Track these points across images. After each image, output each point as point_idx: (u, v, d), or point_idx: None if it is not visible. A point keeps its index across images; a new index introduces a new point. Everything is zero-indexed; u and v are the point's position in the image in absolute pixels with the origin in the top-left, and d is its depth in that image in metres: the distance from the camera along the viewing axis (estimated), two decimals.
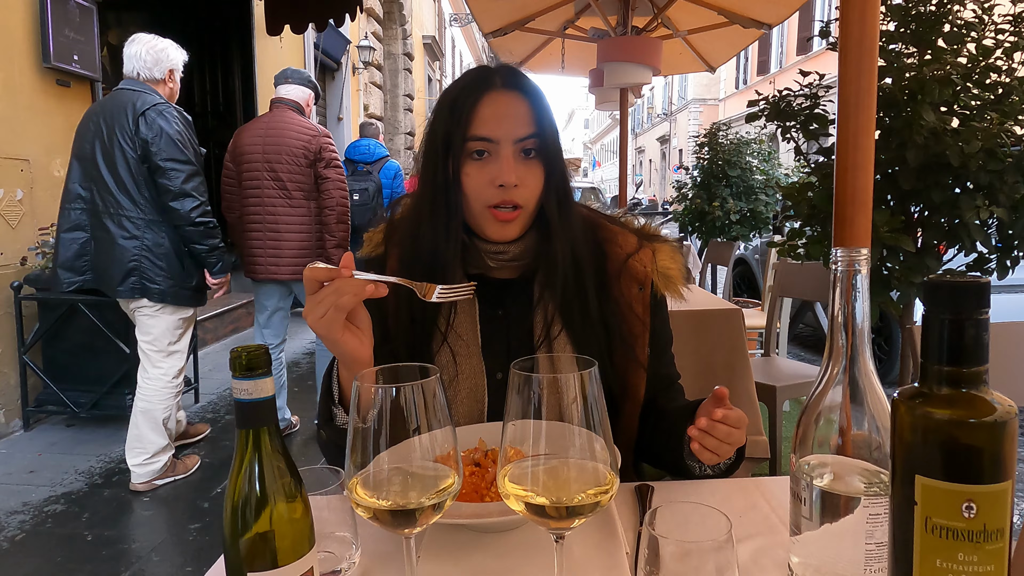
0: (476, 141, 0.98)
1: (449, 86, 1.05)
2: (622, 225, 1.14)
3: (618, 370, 1.05)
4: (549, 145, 1.01)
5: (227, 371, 4.81)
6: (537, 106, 1.01)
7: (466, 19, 19.27)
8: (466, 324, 1.06)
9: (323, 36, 8.09)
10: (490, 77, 1.02)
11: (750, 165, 5.82)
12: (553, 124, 1.03)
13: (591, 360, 0.60)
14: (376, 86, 10.78)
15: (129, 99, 2.77)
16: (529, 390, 0.58)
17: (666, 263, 1.09)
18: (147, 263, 2.72)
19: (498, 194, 0.98)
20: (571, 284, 1.02)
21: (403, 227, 1.09)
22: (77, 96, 4.07)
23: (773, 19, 4.80)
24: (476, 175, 0.99)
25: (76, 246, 2.74)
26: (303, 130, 3.30)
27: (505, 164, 0.97)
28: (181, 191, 2.69)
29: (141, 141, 2.66)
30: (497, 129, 0.98)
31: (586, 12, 5.29)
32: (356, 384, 0.60)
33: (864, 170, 1.29)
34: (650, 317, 1.07)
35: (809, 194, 1.77)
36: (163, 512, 2.72)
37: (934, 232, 1.67)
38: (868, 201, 1.30)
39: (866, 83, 1.27)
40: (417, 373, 0.61)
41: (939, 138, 1.53)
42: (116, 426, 3.63)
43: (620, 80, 4.48)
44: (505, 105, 1.00)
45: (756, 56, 23.00)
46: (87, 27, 4.01)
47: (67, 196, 2.75)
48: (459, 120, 0.98)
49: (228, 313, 5.98)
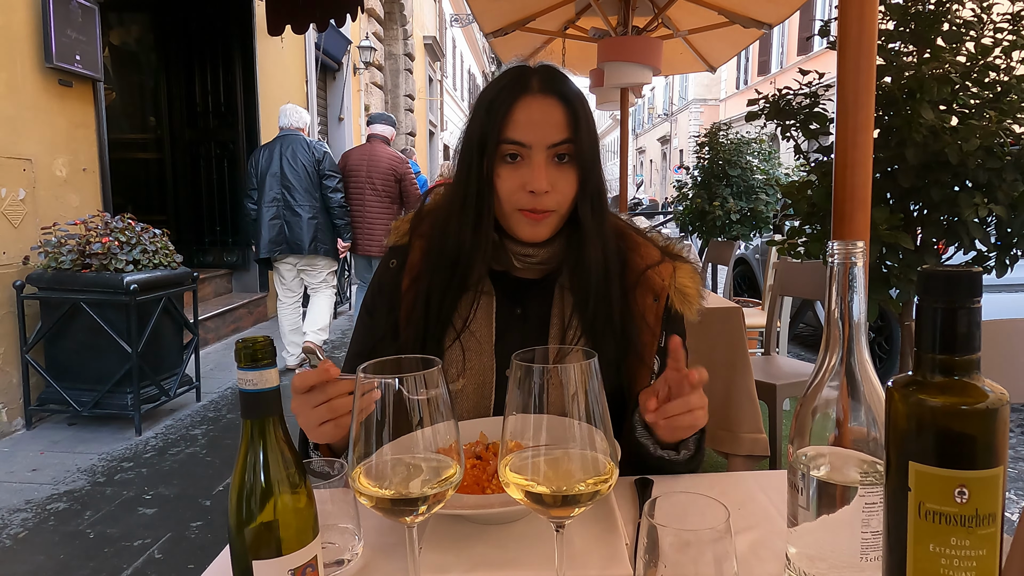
0: (510, 144, 0.99)
1: (488, 84, 1.05)
2: (648, 239, 1.14)
3: (627, 376, 1.06)
4: (585, 151, 1.00)
5: (228, 371, 4.85)
6: (574, 111, 1.00)
7: (467, 19, 19.29)
8: (481, 320, 1.07)
9: (324, 36, 8.11)
10: (527, 79, 1.01)
11: (750, 165, 5.82)
12: (591, 130, 1.02)
13: (591, 352, 0.61)
14: (377, 86, 10.80)
15: (297, 138, 4.57)
16: (530, 381, 0.59)
17: (684, 281, 1.09)
18: (320, 233, 4.55)
19: (529, 199, 0.99)
20: (597, 289, 1.03)
21: (431, 219, 1.10)
22: (79, 96, 4.09)
23: (773, 19, 4.81)
24: (508, 178, 1.00)
25: (275, 229, 4.49)
26: (391, 158, 5.06)
27: (537, 170, 0.97)
28: (335, 188, 4.60)
29: (315, 160, 4.53)
30: (530, 134, 0.98)
31: (587, 12, 5.29)
32: (359, 374, 0.61)
33: (862, 167, 1.30)
34: (661, 329, 1.07)
35: (809, 192, 1.78)
36: (165, 510, 2.73)
37: (933, 230, 1.68)
38: (866, 198, 1.31)
39: (864, 81, 1.28)
40: (419, 364, 0.61)
41: (938, 136, 1.54)
42: (118, 425, 3.65)
43: (620, 80, 4.49)
44: (540, 110, 0.99)
45: (757, 56, 23.00)
46: (89, 27, 4.03)
47: (265, 200, 4.50)
48: (494, 122, 0.99)
49: (229, 313, 5.99)
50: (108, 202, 4.33)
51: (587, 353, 0.61)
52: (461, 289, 1.05)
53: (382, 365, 0.62)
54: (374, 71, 10.51)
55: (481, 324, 1.06)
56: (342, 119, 9.36)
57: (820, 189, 1.73)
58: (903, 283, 1.73)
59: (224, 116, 6.57)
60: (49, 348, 3.63)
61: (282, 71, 7.17)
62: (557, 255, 1.06)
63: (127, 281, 3.45)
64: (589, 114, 1.02)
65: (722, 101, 28.03)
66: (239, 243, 6.66)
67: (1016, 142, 1.78)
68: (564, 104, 1.00)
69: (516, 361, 0.60)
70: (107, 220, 3.73)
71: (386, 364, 0.62)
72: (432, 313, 1.04)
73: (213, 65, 6.54)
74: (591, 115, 1.03)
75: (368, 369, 0.61)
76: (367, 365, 0.62)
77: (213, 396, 4.28)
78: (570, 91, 1.01)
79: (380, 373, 0.59)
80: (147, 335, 3.59)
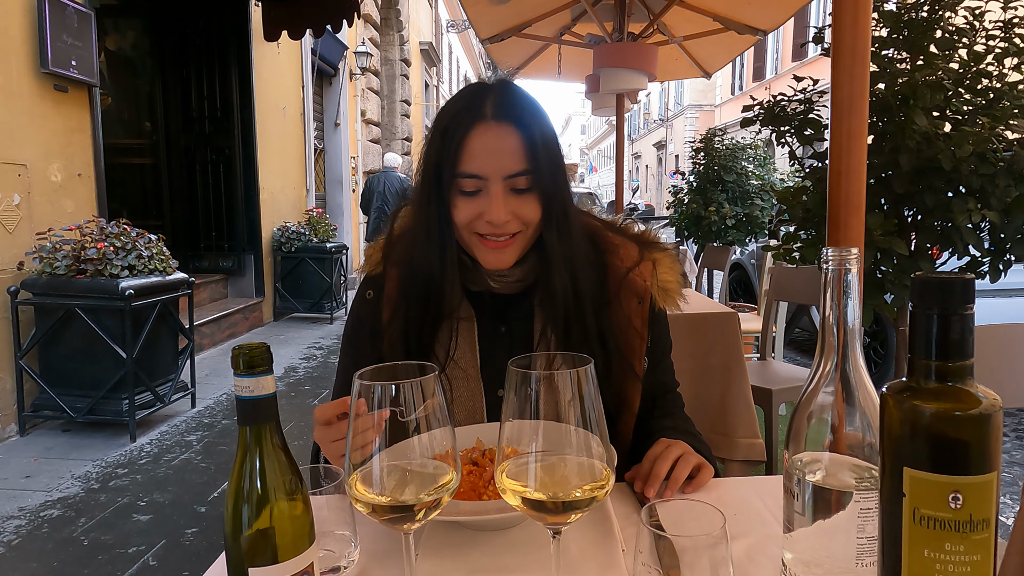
0: (466, 178, 0.95)
1: (445, 106, 1.01)
2: (622, 232, 1.13)
3: (615, 383, 1.05)
4: (544, 178, 0.96)
5: (224, 376, 4.84)
6: (530, 137, 0.95)
7: (463, 25, 19.33)
8: (464, 348, 1.05)
9: (320, 42, 8.12)
10: (481, 105, 0.96)
11: (746, 170, 5.84)
12: (552, 154, 0.97)
13: (586, 358, 0.61)
14: (373, 92, 10.81)
15: (395, 175, 7.43)
16: (527, 387, 0.59)
17: (665, 275, 1.08)
18: None
19: (488, 227, 0.96)
20: (569, 311, 1.01)
21: (400, 248, 1.07)
22: (75, 101, 4.08)
23: (768, 25, 4.83)
24: (466, 208, 0.97)
25: (375, 230, 5.39)
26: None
27: (495, 202, 0.94)
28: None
29: (401, 187, 6.83)
30: (486, 165, 0.94)
31: (582, 18, 5.32)
32: (356, 381, 0.61)
33: (857, 173, 1.31)
34: (648, 331, 1.07)
35: (804, 198, 1.79)
36: (160, 516, 2.72)
37: (927, 235, 1.69)
38: (861, 204, 1.31)
39: (858, 88, 1.29)
40: (416, 371, 0.61)
41: (931, 142, 1.55)
42: (112, 431, 3.63)
43: (616, 86, 4.51)
44: (495, 139, 0.95)
45: (752, 62, 23.11)
46: (85, 33, 4.03)
47: (375, 214, 7.27)
48: (449, 152, 0.95)
49: (225, 318, 5.98)
50: (103, 207, 4.32)
51: (582, 359, 0.61)
52: (438, 320, 1.04)
53: (379, 372, 0.62)
54: (370, 76, 10.52)
55: (464, 351, 1.05)
56: (338, 124, 9.36)
57: (815, 195, 1.74)
58: (897, 288, 1.73)
59: (220, 122, 6.56)
60: (43, 354, 3.62)
61: (278, 77, 7.17)
62: (533, 270, 1.04)
63: (122, 287, 3.44)
64: (548, 138, 0.98)
65: (717, 107, 28.14)
66: (235, 248, 6.65)
67: (1008, 148, 1.80)
68: (520, 131, 0.95)
69: (512, 368, 0.60)
70: (102, 225, 3.72)
71: (383, 371, 0.62)
72: (412, 349, 1.03)
73: (209, 70, 6.54)
74: (551, 137, 0.99)
75: (365, 376, 0.61)
76: (364, 372, 0.62)
77: (208, 402, 4.27)
78: (526, 116, 0.96)
79: (377, 379, 0.60)
80: (142, 341, 3.58)
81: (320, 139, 9.13)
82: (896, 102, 1.63)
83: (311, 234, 7.08)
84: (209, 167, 6.63)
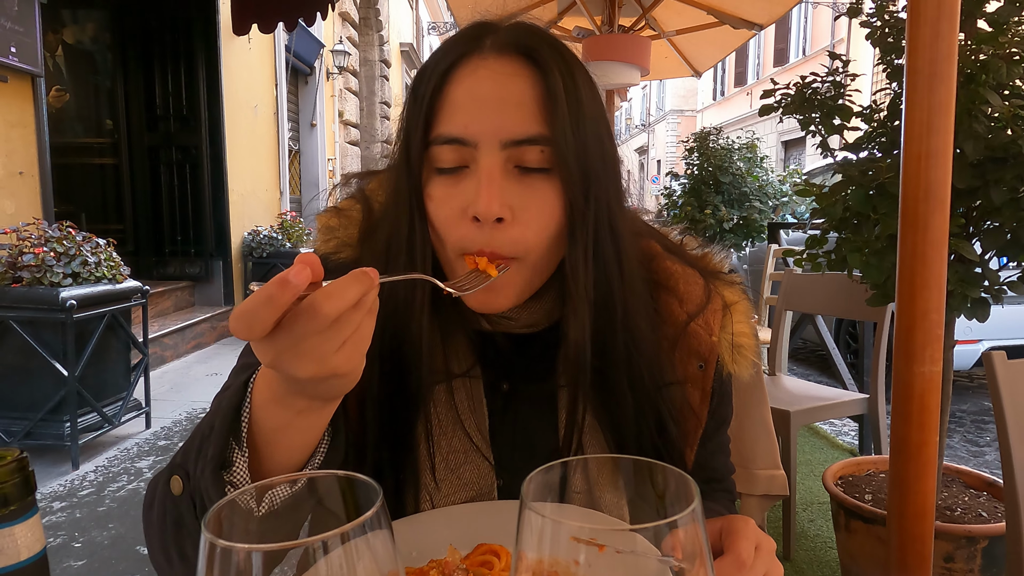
0: (442, 145, 0.60)
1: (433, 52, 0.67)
2: (683, 256, 0.77)
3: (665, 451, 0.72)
4: (572, 152, 0.59)
5: (186, 391, 4.48)
6: (550, 83, 0.60)
7: (444, 27, 19.09)
8: (466, 415, 0.70)
9: (295, 39, 7.79)
10: (481, 35, 0.63)
11: (742, 171, 5.61)
12: (590, 114, 0.62)
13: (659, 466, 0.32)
14: (352, 92, 10.48)
15: None
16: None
17: (741, 326, 0.74)
18: None
19: (475, 234, 0.60)
20: (607, 391, 0.68)
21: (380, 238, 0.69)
22: (15, 92, 3.72)
23: (764, 19, 4.63)
24: (443, 200, 0.61)
25: None
26: None
27: (485, 183, 0.59)
28: None
29: None
30: (473, 121, 0.59)
31: (570, 12, 5.07)
32: (204, 533, 0.30)
33: (942, 158, 1.03)
34: (709, 409, 0.73)
35: (845, 193, 1.53)
36: (96, 561, 2.38)
37: (992, 239, 1.43)
38: (946, 197, 1.04)
39: (944, 49, 1.02)
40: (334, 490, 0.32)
41: (1006, 127, 1.29)
42: (53, 457, 3.26)
43: (607, 80, 4.26)
44: (492, 80, 0.60)
45: (733, 68, 23.16)
46: (28, 17, 3.67)
47: None
48: (420, 108, 0.62)
49: (190, 328, 5.61)
50: (49, 209, 3.96)
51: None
52: (419, 394, 0.67)
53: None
54: (348, 76, 10.19)
55: (467, 418, 0.69)
56: (314, 125, 9.02)
57: (858, 191, 1.47)
58: (956, 299, 1.47)
59: (186, 120, 6.20)
60: None
61: (249, 73, 6.83)
62: (553, 310, 0.69)
63: (63, 296, 3.08)
64: (586, 87, 0.62)
65: (699, 112, 28.17)
66: (202, 254, 6.28)
67: None
68: (535, 69, 0.60)
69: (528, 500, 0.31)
70: (44, 229, 3.36)
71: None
72: (385, 426, 0.67)
73: (175, 66, 6.18)
74: (588, 88, 0.63)
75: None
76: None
77: (165, 422, 3.90)
78: (546, 49, 0.61)
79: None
80: (87, 356, 3.22)
81: (295, 140, 8.78)
82: (960, 79, 1.37)
83: (284, 239, 6.73)
84: (174, 168, 6.25)
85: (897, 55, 1.70)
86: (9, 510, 0.26)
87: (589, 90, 0.63)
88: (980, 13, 1.56)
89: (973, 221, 1.50)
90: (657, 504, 0.33)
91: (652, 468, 0.34)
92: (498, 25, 0.64)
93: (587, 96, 0.62)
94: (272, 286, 0.41)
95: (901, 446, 1.13)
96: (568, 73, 0.61)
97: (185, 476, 0.53)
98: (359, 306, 0.44)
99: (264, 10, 4.73)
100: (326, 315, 0.42)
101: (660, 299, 0.72)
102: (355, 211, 0.74)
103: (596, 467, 0.37)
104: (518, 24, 0.65)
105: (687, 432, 0.72)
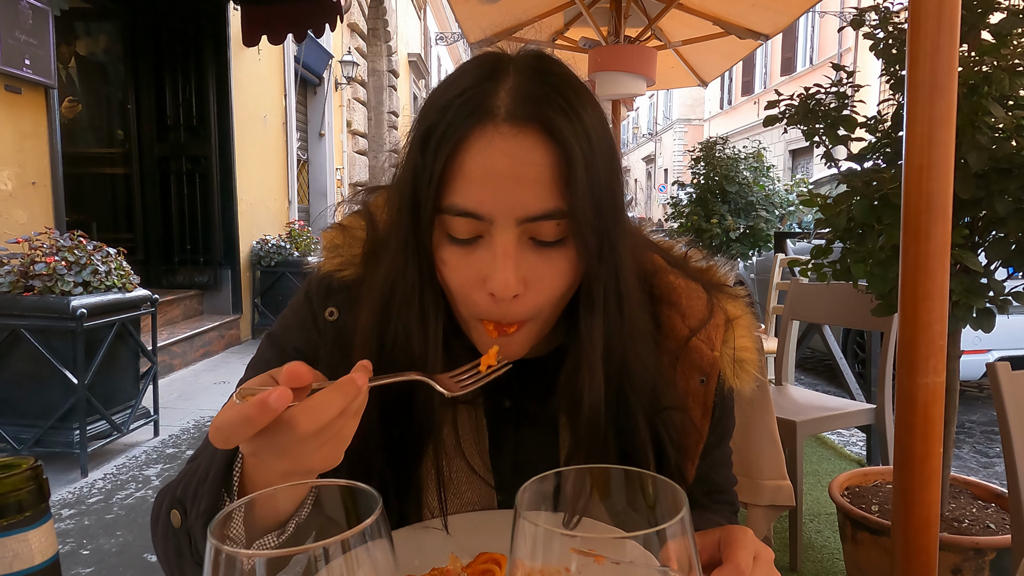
0: (456, 216, 0.59)
1: (437, 88, 0.63)
2: (686, 269, 0.78)
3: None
4: (589, 222, 0.58)
5: (194, 399, 4.50)
6: (570, 150, 0.57)
7: (452, 38, 19.20)
8: (468, 440, 0.72)
9: (304, 50, 7.87)
10: (491, 93, 0.59)
11: (748, 180, 5.60)
12: (606, 180, 0.60)
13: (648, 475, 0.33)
14: (360, 102, 10.56)
15: None
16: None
17: (744, 340, 0.74)
18: None
19: (491, 307, 0.61)
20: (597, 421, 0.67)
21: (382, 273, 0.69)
22: (29, 104, 3.77)
23: (770, 30, 4.64)
24: (458, 268, 0.61)
25: None
26: None
27: (501, 261, 0.58)
28: None
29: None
30: (488, 199, 0.57)
31: (576, 22, 5.10)
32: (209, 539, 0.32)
33: (943, 169, 1.04)
34: (711, 424, 0.74)
35: (849, 204, 1.53)
36: (104, 568, 2.39)
37: (997, 249, 1.43)
38: (947, 207, 1.05)
39: (944, 61, 1.03)
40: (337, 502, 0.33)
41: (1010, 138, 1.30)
42: (62, 465, 3.29)
43: (613, 91, 4.27)
44: (508, 156, 0.57)
45: (740, 77, 23.17)
46: (42, 30, 3.73)
47: None
48: (430, 174, 0.59)
49: (199, 336, 5.64)
50: (61, 219, 4.00)
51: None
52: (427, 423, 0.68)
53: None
54: (357, 87, 10.27)
55: (468, 443, 0.71)
56: (323, 135, 9.09)
57: (862, 202, 1.48)
58: (961, 310, 1.47)
59: (196, 130, 6.26)
60: None
61: (258, 84, 6.90)
62: (554, 338, 0.70)
63: (73, 305, 3.11)
64: (602, 148, 0.60)
65: (706, 121, 28.19)
66: (211, 262, 6.32)
67: None
68: (552, 141, 0.57)
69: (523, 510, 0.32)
70: (55, 238, 3.40)
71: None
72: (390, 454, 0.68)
73: (185, 77, 6.25)
74: (606, 148, 0.60)
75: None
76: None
77: (173, 430, 3.93)
78: (565, 111, 0.58)
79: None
80: (97, 364, 3.25)
81: (304, 149, 8.85)
82: (962, 91, 1.38)
83: (292, 247, 6.77)
84: (184, 177, 6.31)
85: (900, 66, 1.71)
86: (24, 516, 0.28)
87: (604, 142, 0.60)
88: (983, 25, 1.57)
89: (978, 232, 1.50)
90: (648, 514, 0.34)
91: (643, 478, 0.35)
92: (510, 64, 0.62)
93: (604, 153, 0.60)
94: (252, 408, 0.43)
95: (905, 457, 1.13)
96: (584, 134, 0.58)
97: (183, 512, 0.56)
98: (342, 415, 0.46)
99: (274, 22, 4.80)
100: (304, 432, 0.44)
101: (662, 314, 0.73)
102: (359, 228, 0.75)
103: (588, 477, 0.38)
104: (535, 67, 0.62)
105: (688, 447, 0.72)
